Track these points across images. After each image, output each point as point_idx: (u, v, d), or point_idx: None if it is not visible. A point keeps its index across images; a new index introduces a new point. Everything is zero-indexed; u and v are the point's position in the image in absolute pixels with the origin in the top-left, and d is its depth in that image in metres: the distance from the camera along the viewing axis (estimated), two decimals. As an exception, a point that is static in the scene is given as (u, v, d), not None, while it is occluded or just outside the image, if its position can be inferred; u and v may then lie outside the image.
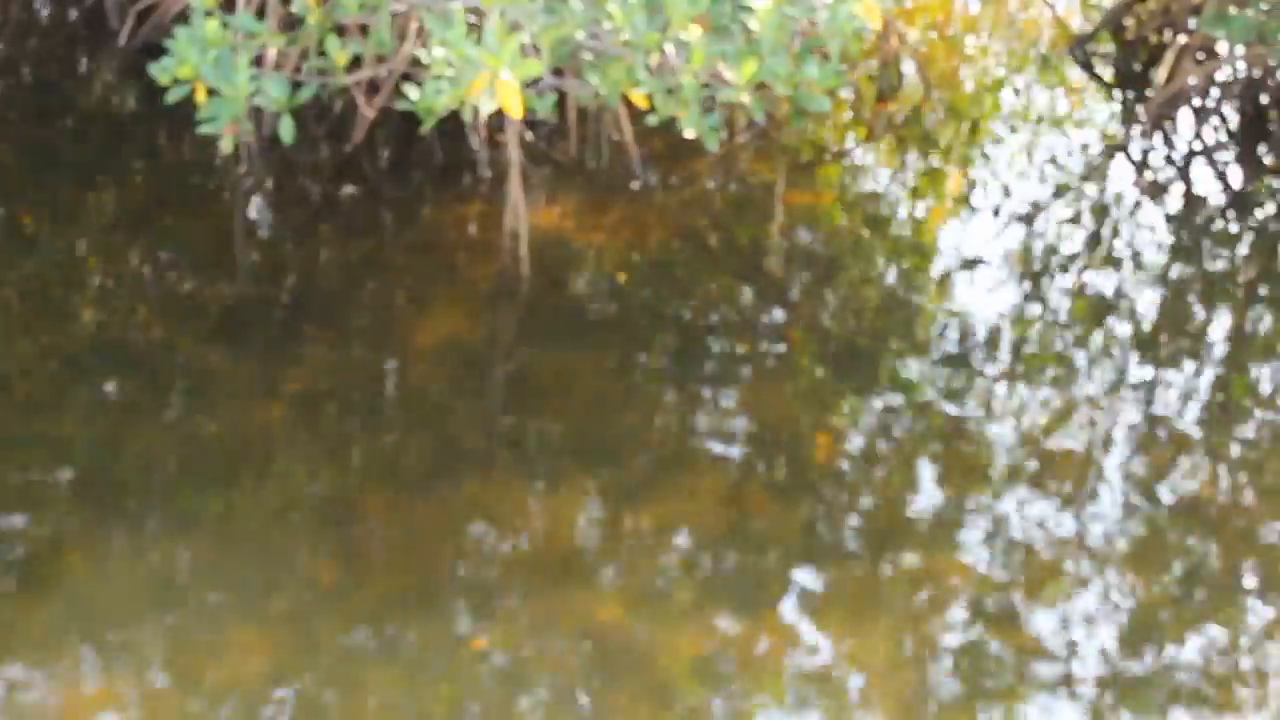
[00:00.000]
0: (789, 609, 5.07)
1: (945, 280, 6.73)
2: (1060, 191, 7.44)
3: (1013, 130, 8.01)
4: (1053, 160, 7.73)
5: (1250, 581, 5.27)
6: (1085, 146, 7.86)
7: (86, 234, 6.73)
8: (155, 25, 7.87)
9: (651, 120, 5.68)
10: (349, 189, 7.10)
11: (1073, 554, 5.33)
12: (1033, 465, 5.72)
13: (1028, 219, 7.19)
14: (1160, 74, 8.28)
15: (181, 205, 6.95)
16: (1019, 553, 5.32)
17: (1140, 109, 8.16)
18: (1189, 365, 6.30)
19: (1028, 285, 6.71)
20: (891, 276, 6.79)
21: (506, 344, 6.30)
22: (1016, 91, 8.46)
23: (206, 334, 6.15)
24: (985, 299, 6.59)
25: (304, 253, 6.72)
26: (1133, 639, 5.01)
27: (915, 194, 7.44)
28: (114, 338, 6.16)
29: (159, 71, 5.79)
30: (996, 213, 7.21)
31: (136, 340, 6.16)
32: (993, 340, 6.34)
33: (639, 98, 5.76)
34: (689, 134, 5.67)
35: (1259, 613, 5.13)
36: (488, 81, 5.24)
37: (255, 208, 7.06)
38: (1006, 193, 7.41)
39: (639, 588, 5.12)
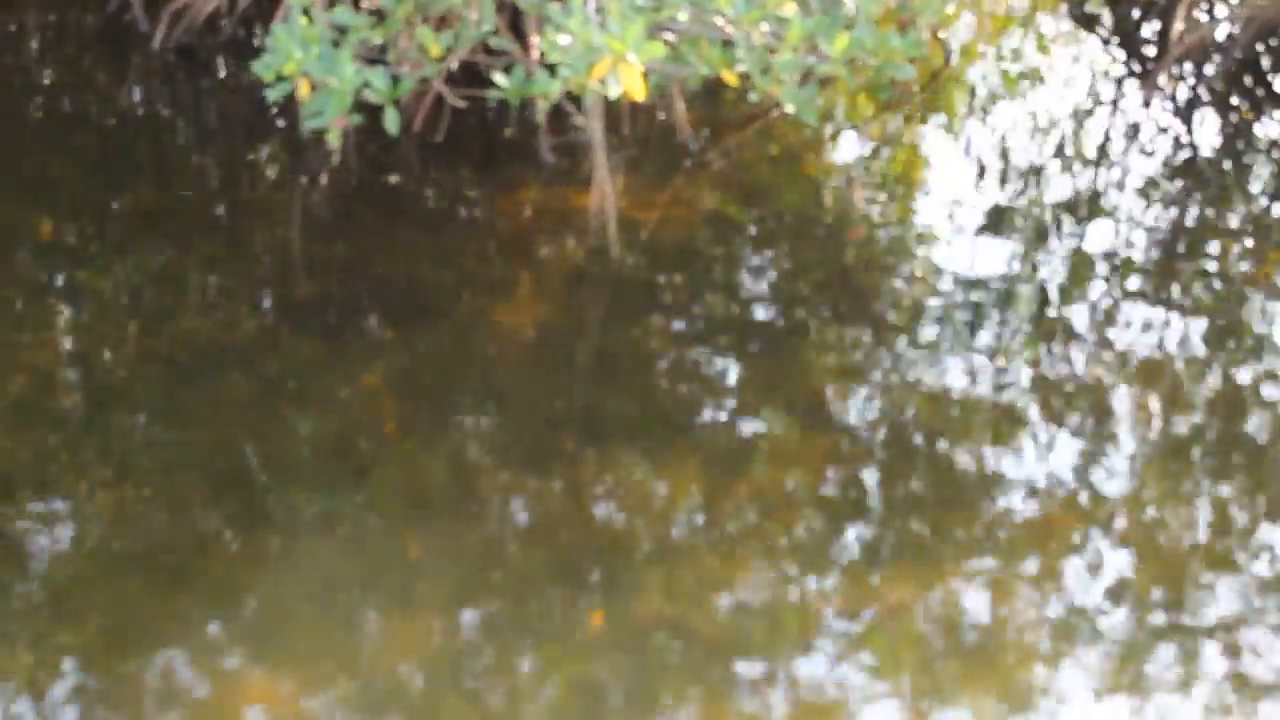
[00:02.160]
0: (901, 569, 5.27)
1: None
2: (1072, 149, 7.71)
3: (1024, 90, 8.26)
4: (1058, 118, 7.99)
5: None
6: (1087, 103, 8.13)
7: (161, 238, 6.75)
8: (187, 27, 7.92)
9: (753, 97, 5.87)
10: (413, 179, 7.18)
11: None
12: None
13: (1050, 174, 7.45)
14: (1157, 27, 8.58)
15: (252, 203, 7.01)
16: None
17: (1137, 63, 8.45)
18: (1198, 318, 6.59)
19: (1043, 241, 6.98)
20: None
21: (611, 323, 6.41)
22: (1017, 52, 8.71)
23: (298, 329, 6.20)
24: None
25: (387, 244, 6.78)
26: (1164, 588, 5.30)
27: (925, 159, 7.69)
28: (211, 339, 6.17)
29: (262, 69, 5.88)
30: (1018, 172, 7.49)
31: (233, 340, 6.18)
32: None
33: (731, 76, 5.95)
34: (789, 109, 5.87)
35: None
36: (611, 65, 5.40)
37: (322, 202, 7.14)
38: (1034, 150, 7.68)
39: (759, 553, 5.32)
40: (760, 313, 6.42)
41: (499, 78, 6.11)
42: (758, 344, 6.23)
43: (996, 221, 7.05)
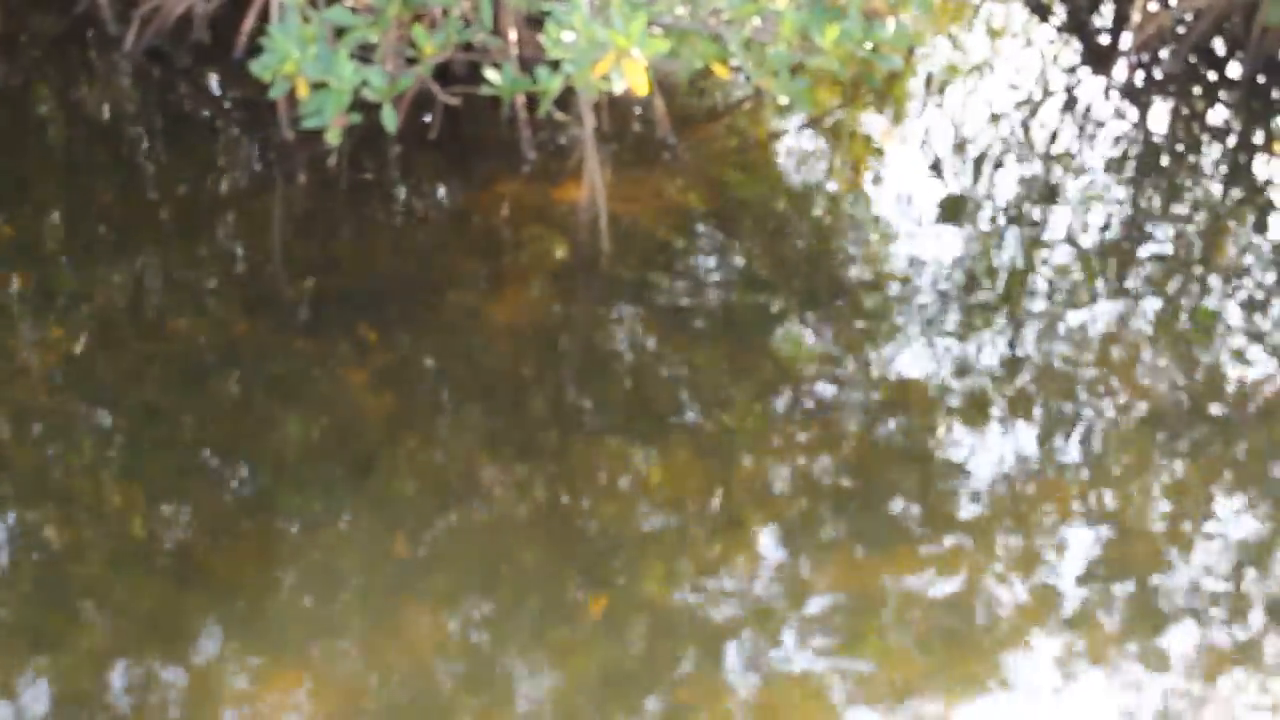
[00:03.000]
0: (880, 550, 5.41)
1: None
2: (1025, 133, 7.87)
3: (981, 80, 8.40)
4: (1014, 108, 8.14)
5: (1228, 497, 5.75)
6: (1044, 93, 8.29)
7: (140, 240, 6.76)
8: (158, 29, 7.91)
9: (743, 92, 5.96)
10: (396, 177, 7.22)
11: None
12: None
13: (1003, 156, 7.61)
14: (1111, 17, 8.75)
15: (234, 203, 7.02)
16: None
17: (1091, 52, 8.61)
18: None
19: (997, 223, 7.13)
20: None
21: (605, 315, 6.49)
22: (973, 42, 8.85)
23: (287, 327, 6.25)
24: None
25: (371, 242, 6.83)
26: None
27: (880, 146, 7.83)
28: (205, 339, 6.21)
29: (260, 69, 5.91)
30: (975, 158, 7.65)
31: (226, 340, 6.22)
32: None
33: (723, 69, 6.05)
34: (781, 101, 5.97)
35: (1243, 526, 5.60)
36: (614, 61, 5.48)
37: (304, 201, 7.16)
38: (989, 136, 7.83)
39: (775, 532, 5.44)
40: (745, 302, 6.51)
41: (490, 74, 6.16)
42: (742, 333, 6.34)
43: (958, 209, 7.18)
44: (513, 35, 6.86)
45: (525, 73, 6.32)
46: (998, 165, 7.58)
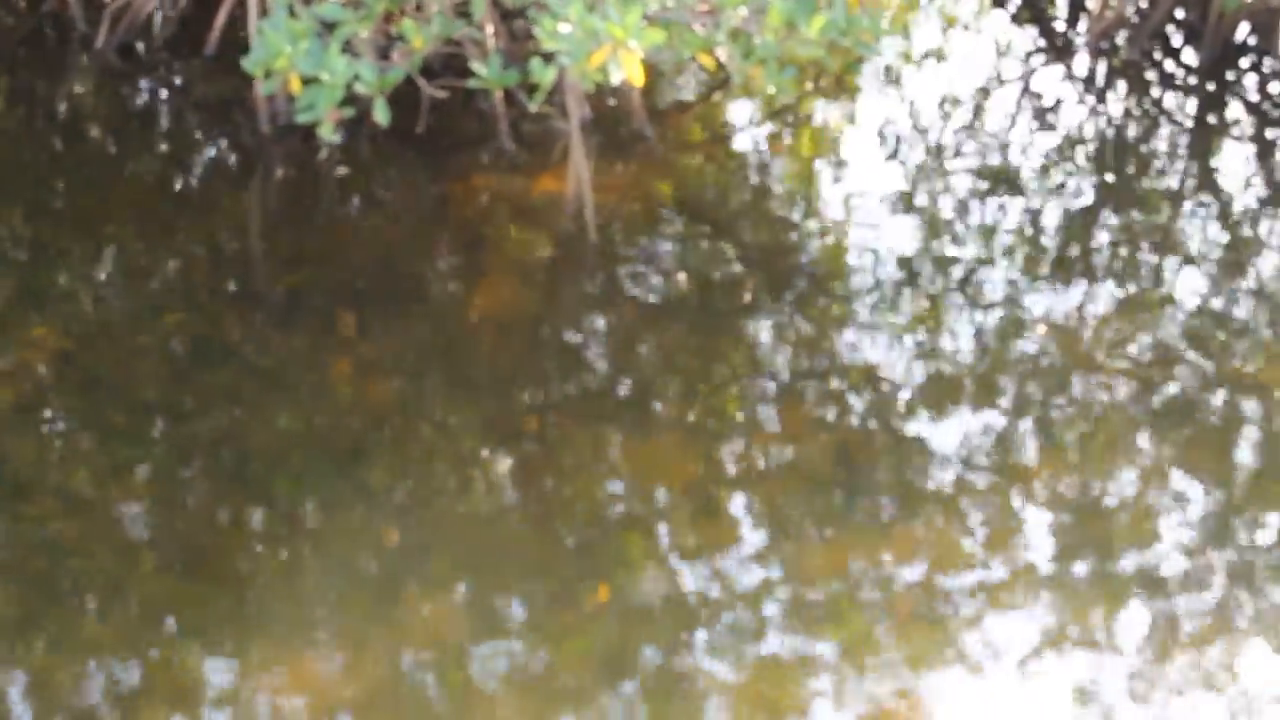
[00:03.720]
0: (856, 532, 5.52)
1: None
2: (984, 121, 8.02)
3: (940, 67, 8.53)
4: (973, 95, 8.28)
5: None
6: (998, 80, 8.44)
7: (127, 236, 6.78)
8: (128, 27, 7.92)
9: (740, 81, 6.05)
10: (374, 171, 7.26)
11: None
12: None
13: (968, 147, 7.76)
14: (1067, 5, 8.91)
15: (217, 199, 7.04)
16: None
17: (1047, 40, 8.76)
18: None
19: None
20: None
21: (592, 304, 6.54)
22: (934, 28, 8.97)
23: (267, 321, 6.28)
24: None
25: (354, 235, 6.86)
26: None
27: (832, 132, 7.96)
28: (194, 332, 6.22)
29: (251, 65, 5.94)
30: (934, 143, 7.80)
31: (217, 332, 6.23)
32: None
33: (709, 59, 6.14)
34: (769, 89, 6.06)
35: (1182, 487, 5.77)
36: (610, 52, 5.55)
37: (285, 194, 7.20)
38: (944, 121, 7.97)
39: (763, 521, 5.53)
40: (723, 289, 6.61)
41: (477, 67, 6.23)
42: (720, 319, 6.44)
43: (918, 195, 7.31)
44: (489, 29, 6.92)
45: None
46: (957, 153, 7.71)
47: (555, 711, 4.83)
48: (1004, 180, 7.48)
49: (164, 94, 7.79)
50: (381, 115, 6.04)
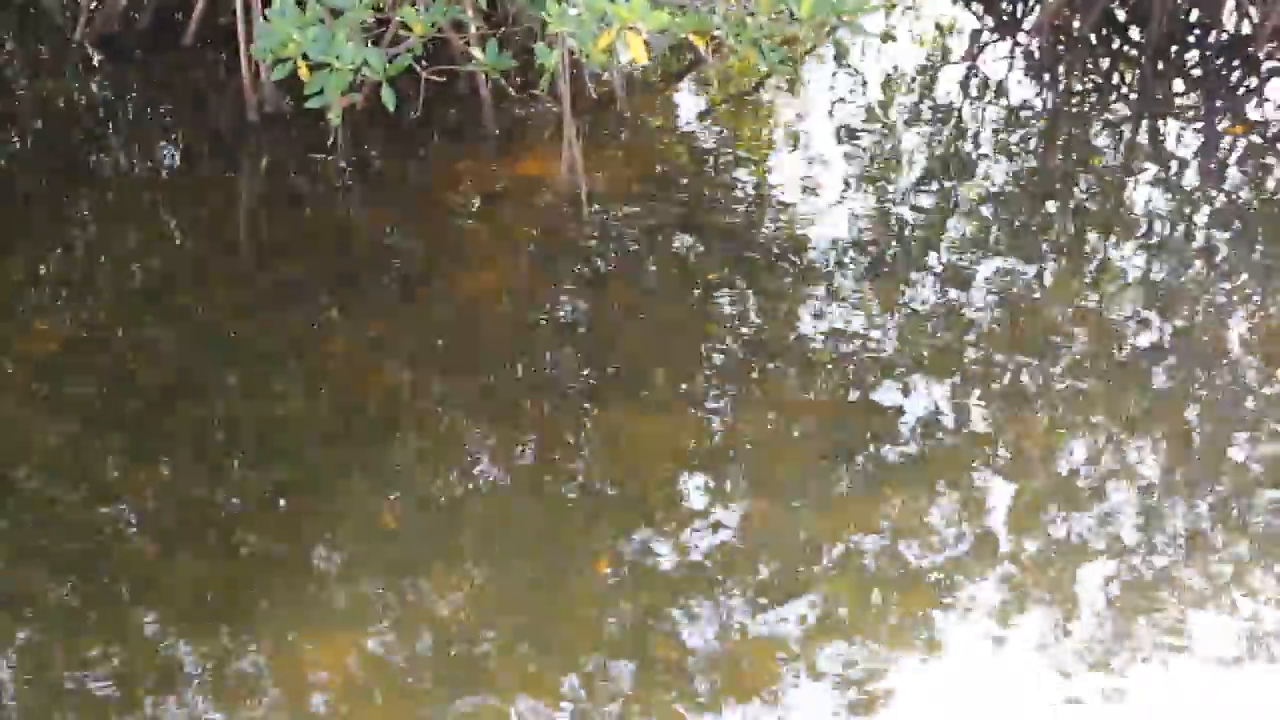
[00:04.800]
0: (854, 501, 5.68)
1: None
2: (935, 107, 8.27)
3: (892, 48, 8.77)
4: (926, 76, 8.53)
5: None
6: (947, 60, 8.68)
7: (119, 224, 6.84)
8: (106, 18, 8.00)
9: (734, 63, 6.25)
10: (364, 157, 7.38)
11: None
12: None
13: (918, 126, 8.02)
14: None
15: (204, 187, 7.10)
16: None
17: (995, 20, 9.04)
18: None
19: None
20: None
21: (589, 284, 6.65)
22: (889, 9, 9.22)
23: (260, 306, 6.32)
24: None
25: (345, 221, 6.95)
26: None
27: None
28: (198, 320, 6.26)
29: (260, 53, 6.07)
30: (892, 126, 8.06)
31: (209, 319, 6.26)
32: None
33: (701, 40, 6.34)
34: (762, 68, 6.27)
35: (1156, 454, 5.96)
36: (617, 34, 5.73)
37: (280, 182, 7.30)
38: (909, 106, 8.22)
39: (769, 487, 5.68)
40: (716, 270, 6.76)
41: (475, 52, 6.39)
42: (705, 296, 6.59)
43: (878, 171, 7.52)
44: (469, 12, 7.07)
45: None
46: (911, 128, 7.96)
47: (555, 682, 4.89)
48: (956, 155, 7.74)
49: (142, 85, 7.85)
50: (388, 101, 6.18)
